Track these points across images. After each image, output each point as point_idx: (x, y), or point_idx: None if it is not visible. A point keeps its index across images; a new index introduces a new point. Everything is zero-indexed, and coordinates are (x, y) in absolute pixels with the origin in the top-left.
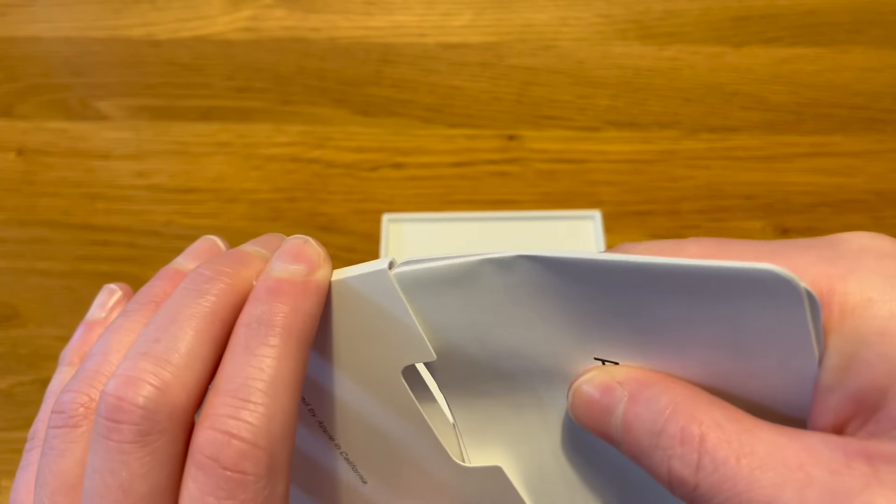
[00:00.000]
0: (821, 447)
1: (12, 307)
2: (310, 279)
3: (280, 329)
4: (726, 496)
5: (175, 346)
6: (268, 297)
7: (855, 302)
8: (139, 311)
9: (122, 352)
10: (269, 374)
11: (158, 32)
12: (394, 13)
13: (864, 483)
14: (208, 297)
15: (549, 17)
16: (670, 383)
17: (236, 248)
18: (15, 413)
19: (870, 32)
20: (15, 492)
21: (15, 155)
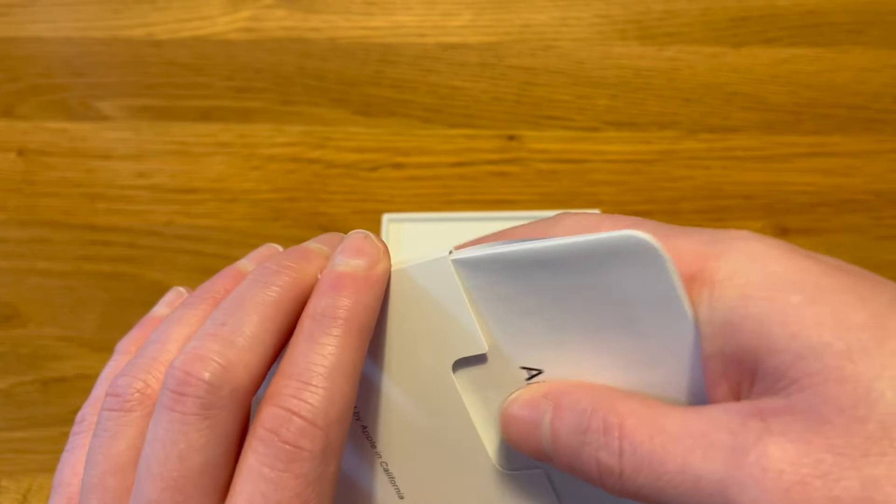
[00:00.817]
0: (720, 415)
1: (13, 307)
2: (370, 273)
3: (342, 321)
4: (646, 474)
5: (241, 329)
6: (331, 290)
7: (721, 276)
8: (198, 304)
9: (179, 342)
10: (331, 361)
11: (159, 32)
12: (394, 13)
13: (757, 436)
14: (273, 287)
15: (548, 18)
16: (588, 387)
17: (299, 245)
18: (15, 413)
19: (869, 33)
20: (60, 473)
21: (15, 155)
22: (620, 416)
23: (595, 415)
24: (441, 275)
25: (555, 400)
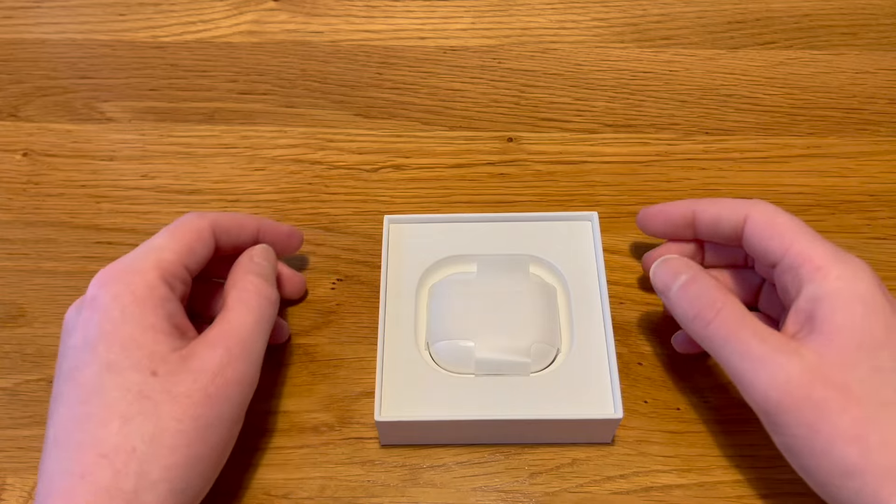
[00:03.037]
0: (775, 333)
1: (18, 306)
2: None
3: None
4: (723, 334)
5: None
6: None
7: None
8: None
9: None
10: (239, 217)
11: (163, 35)
12: (395, 17)
13: (792, 350)
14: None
15: (546, 21)
16: (712, 280)
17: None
18: (21, 411)
19: (864, 35)
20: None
21: (21, 156)
22: (723, 302)
23: (707, 294)
24: None
25: (693, 273)
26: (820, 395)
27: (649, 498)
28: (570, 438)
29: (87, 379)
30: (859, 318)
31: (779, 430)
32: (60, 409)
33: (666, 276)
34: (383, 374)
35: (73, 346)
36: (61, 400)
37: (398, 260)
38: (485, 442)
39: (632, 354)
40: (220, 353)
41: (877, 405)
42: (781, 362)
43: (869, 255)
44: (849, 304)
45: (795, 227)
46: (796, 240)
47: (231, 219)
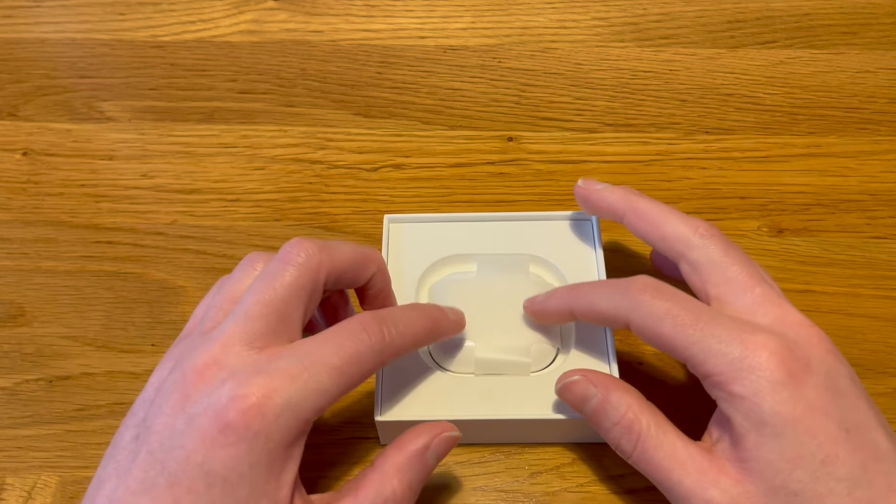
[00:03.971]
0: (698, 455)
1: (18, 306)
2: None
3: (434, 321)
4: (644, 465)
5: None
6: (440, 314)
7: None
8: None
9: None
10: (416, 329)
11: (162, 35)
12: (394, 16)
13: (712, 483)
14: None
15: (546, 21)
16: (626, 391)
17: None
18: (20, 411)
19: (864, 35)
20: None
21: (20, 156)
22: (640, 425)
23: (626, 416)
24: None
25: (603, 392)
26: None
27: (649, 498)
28: (570, 438)
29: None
30: (769, 443)
31: None
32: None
33: (574, 402)
34: (383, 373)
35: (186, 450)
36: (153, 492)
37: (398, 260)
38: (485, 442)
39: (632, 354)
40: None
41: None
42: (707, 497)
43: (869, 254)
44: (757, 428)
45: (682, 333)
46: (688, 353)
47: (410, 347)
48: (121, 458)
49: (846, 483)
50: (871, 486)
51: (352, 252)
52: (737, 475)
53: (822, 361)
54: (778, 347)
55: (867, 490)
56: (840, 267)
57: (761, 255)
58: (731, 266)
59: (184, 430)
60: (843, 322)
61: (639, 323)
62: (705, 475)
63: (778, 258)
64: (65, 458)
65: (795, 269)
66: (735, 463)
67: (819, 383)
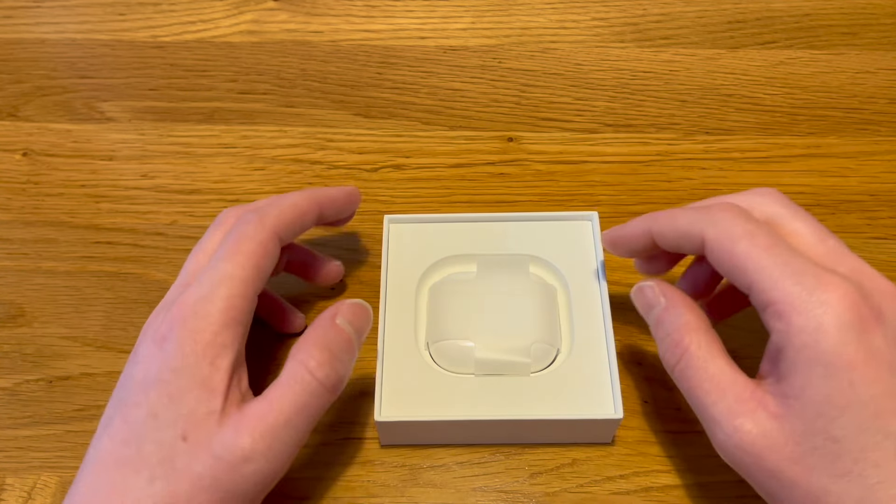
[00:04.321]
0: (740, 384)
1: (18, 306)
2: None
3: (309, 191)
4: (684, 380)
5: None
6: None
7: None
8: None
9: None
10: (290, 199)
11: (162, 35)
12: (395, 16)
13: (749, 409)
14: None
15: (546, 21)
16: (689, 308)
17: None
18: (20, 411)
19: (864, 35)
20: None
21: (20, 156)
22: (690, 343)
23: (678, 331)
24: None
25: (668, 301)
26: (773, 466)
27: (649, 498)
28: (570, 439)
29: (134, 419)
30: (818, 384)
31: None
32: (104, 439)
33: (641, 307)
34: (383, 374)
35: (134, 378)
36: (109, 428)
37: (398, 260)
38: (485, 442)
39: (632, 354)
40: (245, 444)
41: (830, 477)
42: (736, 425)
43: (869, 254)
44: (809, 365)
45: (756, 254)
46: (757, 276)
47: (292, 213)
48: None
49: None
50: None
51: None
52: (776, 410)
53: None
54: (851, 291)
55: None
56: None
57: None
58: (798, 219)
59: (132, 363)
60: None
61: (714, 238)
62: (742, 404)
63: None
64: (65, 459)
65: None
66: (778, 398)
67: (889, 335)
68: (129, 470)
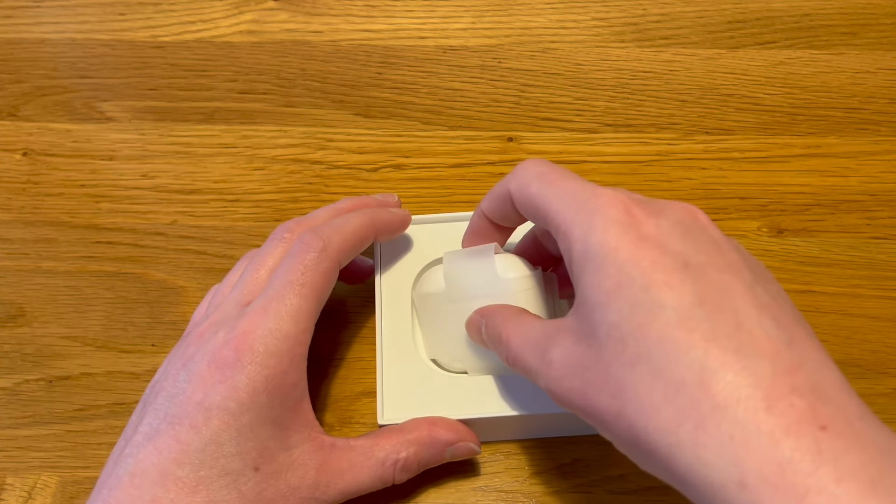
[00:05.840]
0: (549, 327)
1: (17, 306)
2: (390, 201)
3: (367, 213)
4: (519, 367)
5: (334, 228)
6: (367, 203)
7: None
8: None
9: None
10: (352, 224)
11: (162, 35)
12: (395, 16)
13: (551, 344)
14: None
15: (546, 21)
16: (501, 310)
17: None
18: (20, 411)
19: (864, 35)
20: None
21: (20, 156)
22: (507, 332)
23: (496, 330)
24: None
25: (485, 319)
26: (581, 383)
27: (649, 498)
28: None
29: (189, 441)
30: (591, 279)
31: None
32: (150, 451)
33: (475, 335)
34: (384, 377)
35: (190, 397)
36: (157, 441)
37: (397, 260)
38: (486, 440)
39: None
40: (321, 480)
41: (623, 369)
42: (547, 360)
43: (869, 255)
44: (583, 267)
45: (545, 190)
46: (547, 209)
47: (354, 240)
48: (128, 427)
49: (674, 312)
50: (710, 320)
51: (326, 215)
52: (572, 326)
53: (680, 215)
54: (621, 196)
55: (704, 323)
56: (840, 267)
57: (761, 255)
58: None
59: (186, 378)
60: (843, 322)
61: (515, 189)
62: (550, 339)
63: (778, 258)
64: (65, 459)
65: (795, 269)
66: (572, 316)
67: (664, 224)
68: (180, 489)
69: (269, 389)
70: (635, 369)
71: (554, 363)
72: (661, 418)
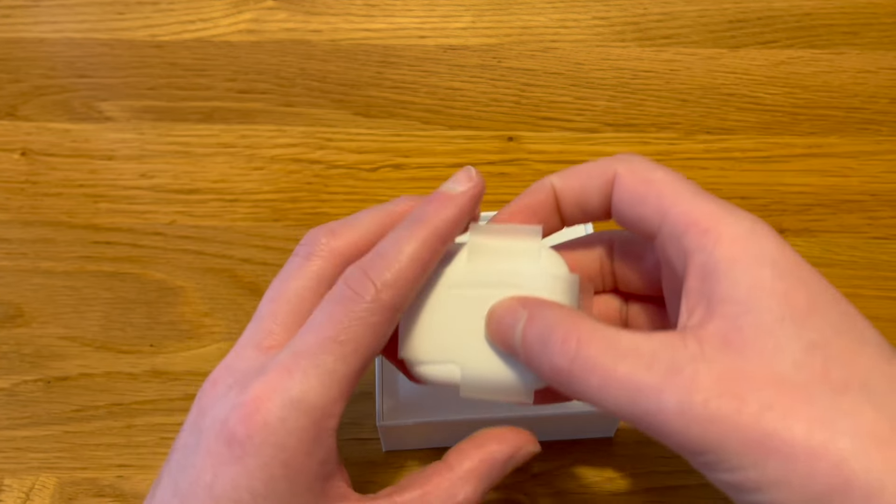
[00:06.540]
0: (665, 338)
1: (16, 306)
2: (456, 193)
3: (422, 223)
4: (596, 378)
5: (347, 222)
6: (425, 202)
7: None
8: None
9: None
10: (405, 246)
11: (161, 34)
12: (394, 15)
13: (691, 357)
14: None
15: (547, 20)
16: (560, 307)
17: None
18: (18, 412)
19: (865, 34)
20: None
21: (19, 156)
22: (579, 332)
23: (557, 330)
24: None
25: (530, 311)
26: (750, 408)
27: (649, 498)
28: (572, 434)
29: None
30: (771, 284)
31: (719, 469)
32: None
33: (501, 337)
34: (383, 379)
35: (196, 468)
36: (153, 500)
37: None
38: None
39: None
40: None
41: (830, 394)
42: (679, 384)
43: (870, 255)
44: (753, 268)
45: (675, 183)
46: (676, 200)
47: (412, 274)
48: (156, 481)
49: (878, 346)
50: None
51: (370, 223)
52: (727, 338)
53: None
54: (768, 225)
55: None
56: (841, 267)
57: None
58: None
59: (195, 446)
60: None
61: (628, 171)
62: (677, 359)
63: None
64: (63, 459)
65: None
66: (722, 323)
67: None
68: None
69: (290, 476)
70: (848, 397)
71: (703, 381)
72: (888, 456)
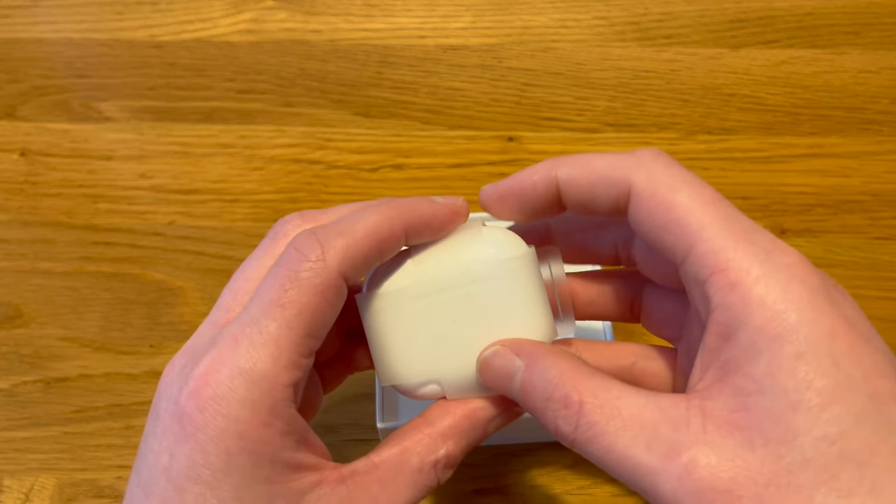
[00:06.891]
0: (669, 407)
1: (15, 307)
2: (434, 200)
3: (391, 204)
4: (596, 447)
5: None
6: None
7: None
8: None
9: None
10: (364, 222)
11: (161, 34)
12: (394, 15)
13: (693, 440)
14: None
15: (547, 20)
16: (559, 355)
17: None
18: (17, 413)
19: (867, 34)
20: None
21: (18, 156)
22: (581, 394)
23: (559, 388)
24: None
25: (528, 361)
26: (752, 501)
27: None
28: None
29: (167, 496)
30: (792, 364)
31: None
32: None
33: (496, 383)
34: None
35: (154, 452)
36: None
37: None
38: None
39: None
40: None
41: (834, 499)
42: (685, 462)
43: (872, 255)
44: (776, 343)
45: (701, 209)
46: (703, 235)
47: (367, 244)
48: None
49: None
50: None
51: (345, 211)
52: (733, 419)
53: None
54: (803, 255)
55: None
56: (843, 268)
57: None
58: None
59: (153, 431)
60: None
61: (645, 185)
62: (683, 431)
63: None
64: (62, 460)
65: None
66: (731, 400)
67: (854, 305)
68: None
69: (249, 448)
70: (854, 500)
71: (699, 471)
72: None
